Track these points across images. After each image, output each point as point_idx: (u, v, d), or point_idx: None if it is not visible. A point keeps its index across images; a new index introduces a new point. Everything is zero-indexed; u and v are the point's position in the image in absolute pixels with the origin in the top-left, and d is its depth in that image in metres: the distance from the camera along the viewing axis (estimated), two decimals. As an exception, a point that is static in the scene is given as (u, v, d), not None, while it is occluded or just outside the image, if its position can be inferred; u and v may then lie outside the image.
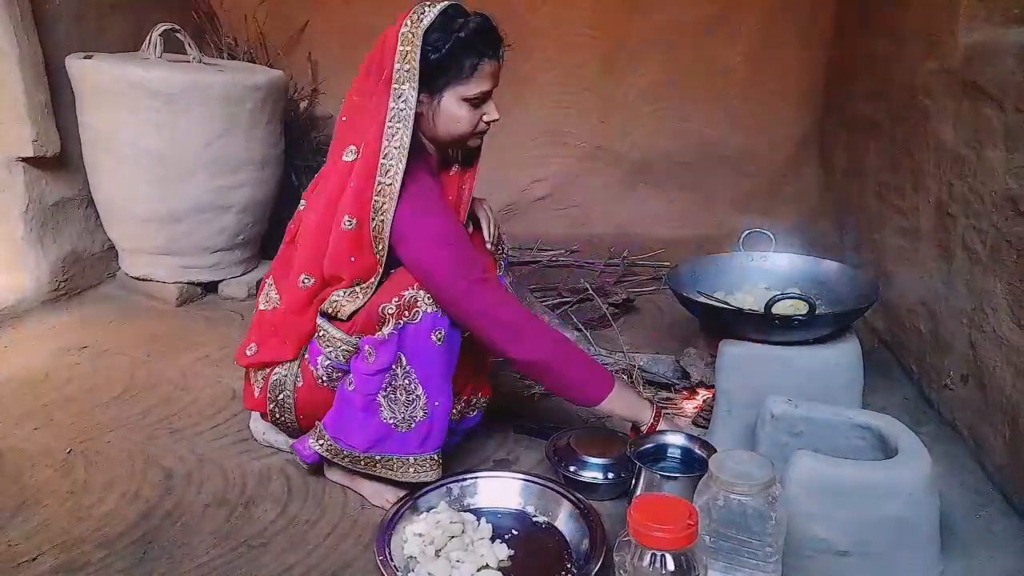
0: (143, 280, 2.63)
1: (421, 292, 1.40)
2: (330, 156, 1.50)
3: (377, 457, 1.46)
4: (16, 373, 2.07)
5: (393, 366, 1.41)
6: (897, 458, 1.27)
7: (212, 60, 2.81)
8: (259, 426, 1.73)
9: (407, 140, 1.36)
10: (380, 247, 1.41)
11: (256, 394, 1.61)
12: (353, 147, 1.43)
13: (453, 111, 1.42)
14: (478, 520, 1.42)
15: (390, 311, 1.40)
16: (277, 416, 1.58)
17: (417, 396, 1.43)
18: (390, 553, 1.30)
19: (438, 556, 1.32)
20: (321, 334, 1.50)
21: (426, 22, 1.36)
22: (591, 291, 2.55)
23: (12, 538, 1.41)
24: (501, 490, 1.51)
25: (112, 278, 2.76)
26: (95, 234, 2.70)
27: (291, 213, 1.61)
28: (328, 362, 1.50)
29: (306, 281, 1.49)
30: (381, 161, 1.37)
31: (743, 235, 2.02)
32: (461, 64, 1.38)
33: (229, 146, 2.49)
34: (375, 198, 1.38)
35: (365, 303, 1.45)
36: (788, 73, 3.20)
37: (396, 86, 1.36)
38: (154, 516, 1.48)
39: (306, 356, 1.53)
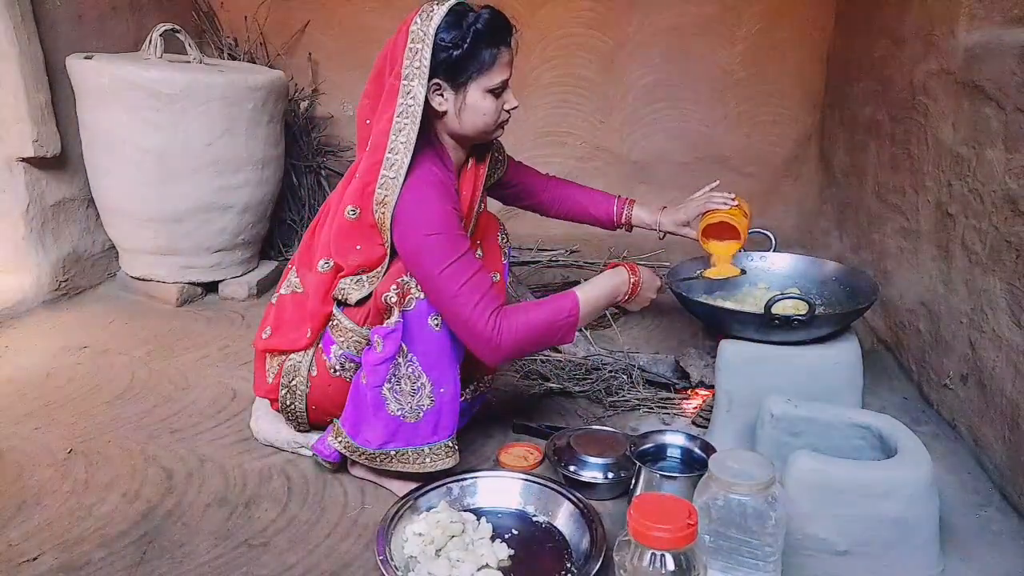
0: (143, 280, 2.63)
1: (414, 279, 1.42)
2: (357, 153, 1.53)
3: (392, 452, 1.48)
4: (17, 373, 2.07)
5: (396, 356, 1.43)
6: (897, 458, 1.27)
7: (212, 60, 2.81)
8: (259, 426, 1.73)
9: (414, 136, 1.38)
10: (386, 237, 1.43)
11: (269, 380, 1.61)
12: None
13: (479, 104, 1.42)
14: (478, 520, 1.42)
15: (392, 299, 1.42)
16: (287, 403, 1.59)
17: (422, 384, 1.45)
18: (390, 553, 1.30)
19: (438, 556, 1.32)
20: (335, 323, 1.52)
21: (436, 20, 1.36)
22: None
23: (12, 538, 1.41)
24: (501, 490, 1.51)
25: (112, 278, 2.76)
26: (95, 234, 2.70)
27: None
28: (342, 352, 1.51)
29: (324, 265, 1.52)
30: (387, 155, 1.39)
31: (743, 235, 2.02)
32: (481, 56, 1.38)
33: (229, 146, 2.49)
34: (378, 191, 1.40)
35: (371, 292, 1.47)
36: (788, 73, 3.21)
37: (405, 83, 1.37)
38: (154, 516, 1.48)
39: (320, 345, 1.54)
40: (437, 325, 1.43)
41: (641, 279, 1.56)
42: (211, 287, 2.70)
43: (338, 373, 1.53)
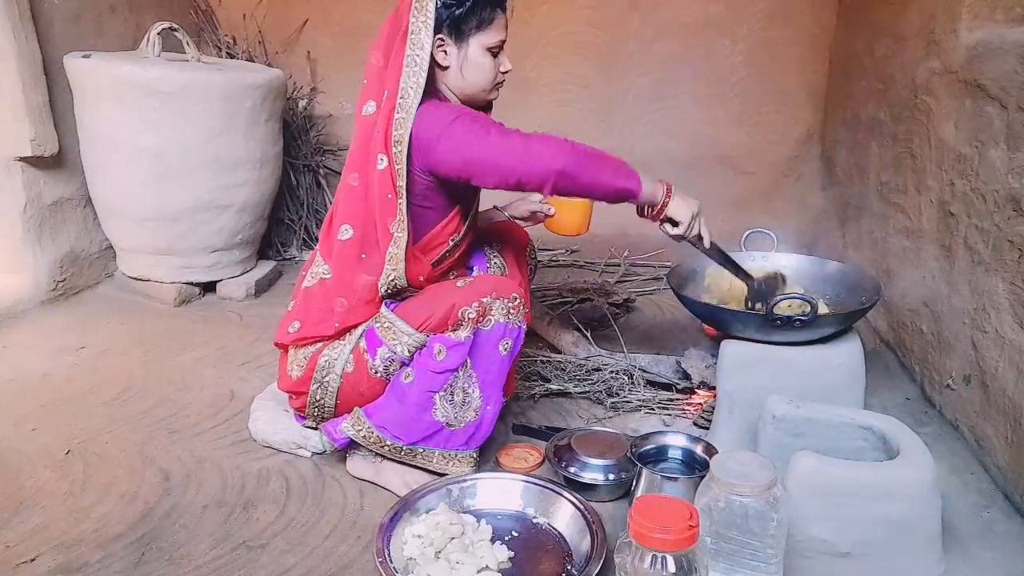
0: (141, 280, 2.62)
1: (496, 301, 1.46)
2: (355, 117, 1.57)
3: (419, 449, 1.52)
4: (14, 374, 2.07)
5: (459, 368, 1.46)
6: (899, 459, 1.26)
7: (211, 59, 2.80)
8: (258, 427, 1.72)
9: (422, 80, 1.44)
10: (400, 181, 1.46)
11: (294, 375, 1.59)
12: (373, 101, 1.49)
13: (479, 60, 1.50)
14: (478, 521, 1.41)
15: (470, 315, 1.45)
16: (317, 398, 1.57)
17: (473, 398, 1.50)
18: (389, 554, 1.30)
19: (438, 557, 1.31)
20: (386, 325, 1.51)
21: None
22: (591, 291, 2.55)
23: (10, 539, 1.40)
24: (501, 491, 1.50)
25: (110, 278, 2.76)
26: (93, 234, 2.70)
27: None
28: (390, 355, 1.51)
29: (345, 232, 1.52)
30: (398, 100, 1.45)
31: (745, 235, 2.01)
32: (481, 14, 1.47)
33: (227, 145, 2.48)
34: (394, 132, 1.44)
35: (406, 246, 1.48)
36: (789, 72, 3.20)
37: (412, 35, 1.45)
38: (153, 517, 1.48)
39: (361, 344, 1.53)
40: (505, 350, 1.49)
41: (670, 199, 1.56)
42: (209, 287, 2.69)
43: (379, 374, 1.53)
